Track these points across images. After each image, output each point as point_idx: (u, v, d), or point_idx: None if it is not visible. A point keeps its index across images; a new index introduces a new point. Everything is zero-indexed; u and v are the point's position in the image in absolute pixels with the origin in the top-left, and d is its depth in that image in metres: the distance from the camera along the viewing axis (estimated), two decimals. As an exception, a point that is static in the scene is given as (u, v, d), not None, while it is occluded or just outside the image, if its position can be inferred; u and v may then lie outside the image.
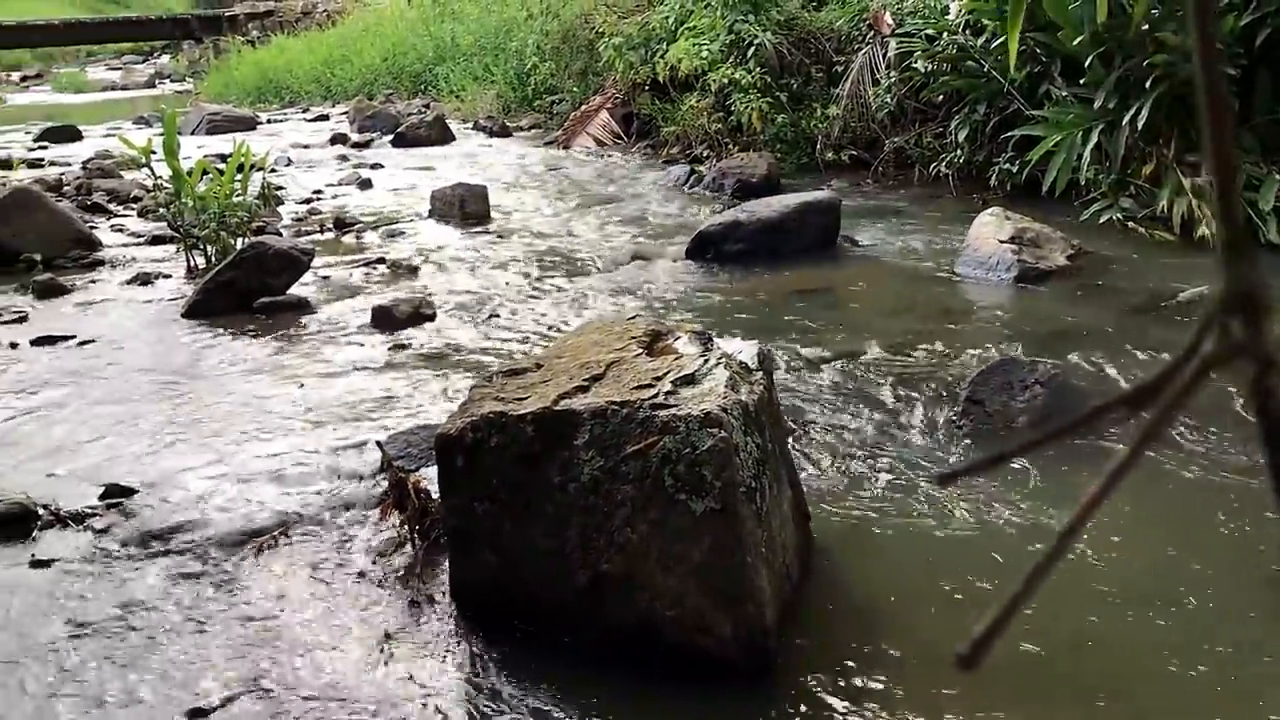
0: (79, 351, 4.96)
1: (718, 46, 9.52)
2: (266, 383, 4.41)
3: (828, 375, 4.14)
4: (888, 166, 8.63)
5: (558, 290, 5.71)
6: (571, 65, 13.20)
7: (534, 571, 2.47)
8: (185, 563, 2.91)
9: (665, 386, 2.46)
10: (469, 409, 2.61)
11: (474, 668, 2.41)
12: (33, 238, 6.77)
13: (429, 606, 2.64)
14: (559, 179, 9.75)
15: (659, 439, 2.34)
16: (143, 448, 3.74)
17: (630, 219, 7.63)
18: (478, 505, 2.53)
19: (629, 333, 2.87)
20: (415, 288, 5.90)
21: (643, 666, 2.35)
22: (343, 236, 7.53)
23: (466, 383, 4.23)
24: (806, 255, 6.06)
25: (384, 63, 19.09)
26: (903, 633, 2.49)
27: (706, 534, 2.29)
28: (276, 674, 2.40)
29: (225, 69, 24.21)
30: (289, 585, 2.77)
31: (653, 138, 11.13)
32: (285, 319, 5.38)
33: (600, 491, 2.38)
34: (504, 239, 7.15)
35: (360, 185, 9.78)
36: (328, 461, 3.54)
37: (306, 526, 3.08)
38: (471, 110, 15.23)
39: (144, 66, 38.76)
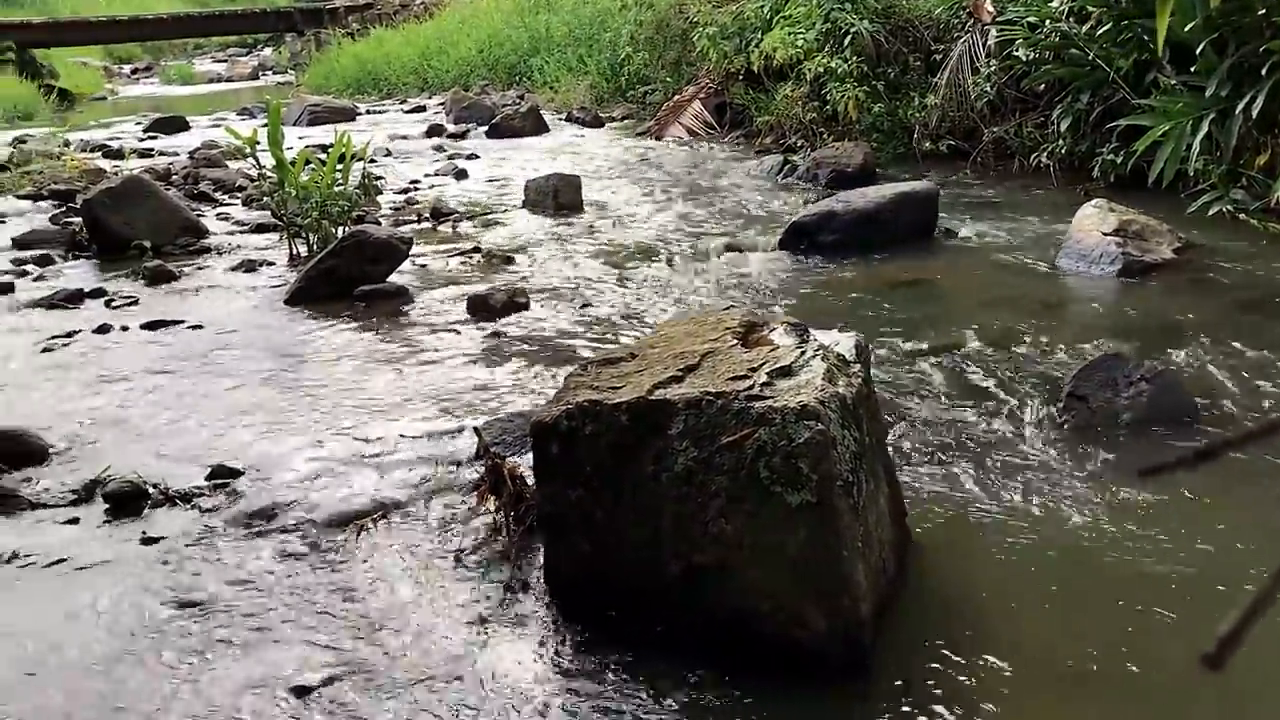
0: (187, 336, 5.11)
1: (813, 35, 9.43)
2: (366, 368, 4.50)
3: (925, 368, 4.08)
4: (987, 157, 8.46)
5: (650, 280, 5.72)
6: (665, 55, 13.19)
7: (627, 560, 2.48)
8: (288, 543, 2.99)
9: (761, 378, 2.45)
10: (564, 397, 2.63)
11: (567, 654, 2.43)
12: (143, 225, 6.99)
13: (523, 592, 2.67)
14: (651, 169, 9.76)
15: (754, 430, 2.33)
16: (248, 430, 3.85)
17: (723, 209, 7.61)
18: (572, 493, 2.55)
19: (724, 323, 2.86)
20: (510, 277, 5.96)
21: (735, 658, 2.35)
22: (439, 226, 7.63)
23: (560, 371, 4.27)
24: (903, 247, 5.98)
25: (479, 54, 19.30)
26: (1000, 633, 2.45)
27: (802, 527, 2.28)
28: (375, 654, 2.45)
29: (326, 61, 24.69)
30: (388, 567, 2.83)
31: (746, 128, 11.08)
32: (384, 306, 5.48)
33: (694, 482, 2.38)
34: (597, 229, 7.19)
35: (456, 175, 9.90)
36: (425, 446, 3.59)
37: (405, 510, 3.14)
38: (565, 101, 15.32)
39: (248, 59, 39.73)
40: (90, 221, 7.05)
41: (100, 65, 35.76)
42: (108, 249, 6.91)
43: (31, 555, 2.98)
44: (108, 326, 5.24)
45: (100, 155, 12.17)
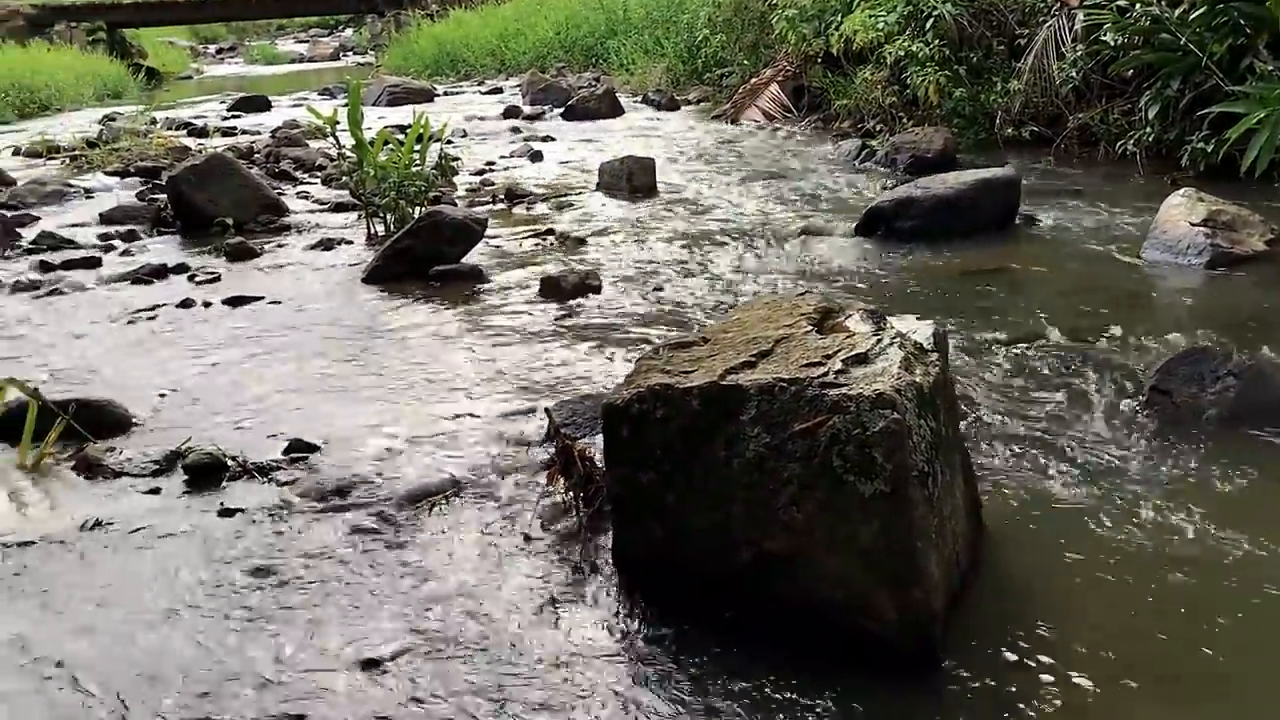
0: (266, 312, 5.21)
1: (895, 18, 9.29)
2: (439, 347, 4.54)
3: (1003, 359, 4.00)
4: (1071, 144, 8.28)
5: (722, 264, 5.69)
6: (742, 38, 13.10)
7: (697, 544, 2.47)
8: (362, 518, 3.02)
9: (836, 365, 2.42)
10: (635, 380, 2.62)
11: (635, 637, 2.43)
12: (226, 203, 7.14)
13: (593, 573, 2.67)
14: (727, 152, 9.71)
15: (828, 418, 2.30)
16: (324, 406, 3.90)
17: (799, 194, 7.54)
18: (642, 476, 2.54)
19: (798, 309, 2.83)
20: (582, 259, 5.97)
21: (803, 646, 2.33)
22: (514, 207, 7.68)
23: (631, 354, 4.27)
24: (983, 234, 5.87)
25: (556, 36, 19.36)
26: (1074, 631, 2.40)
27: (875, 516, 2.25)
28: (445, 630, 2.47)
29: (405, 42, 24.96)
30: (459, 545, 2.85)
31: (823, 111, 10.97)
32: (458, 286, 5.52)
33: (765, 468, 2.36)
34: (670, 212, 7.17)
35: (531, 157, 9.95)
36: (496, 426, 3.62)
37: (476, 488, 3.16)
38: (640, 83, 15.30)
39: (329, 40, 40.34)
40: (175, 198, 7.21)
41: (187, 45, 36.53)
42: (191, 225, 7.07)
43: (115, 522, 3.06)
44: (190, 301, 5.35)
45: (185, 133, 12.46)
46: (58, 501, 3.27)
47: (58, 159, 10.70)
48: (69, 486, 3.36)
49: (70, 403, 3.67)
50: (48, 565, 2.86)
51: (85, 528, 3.05)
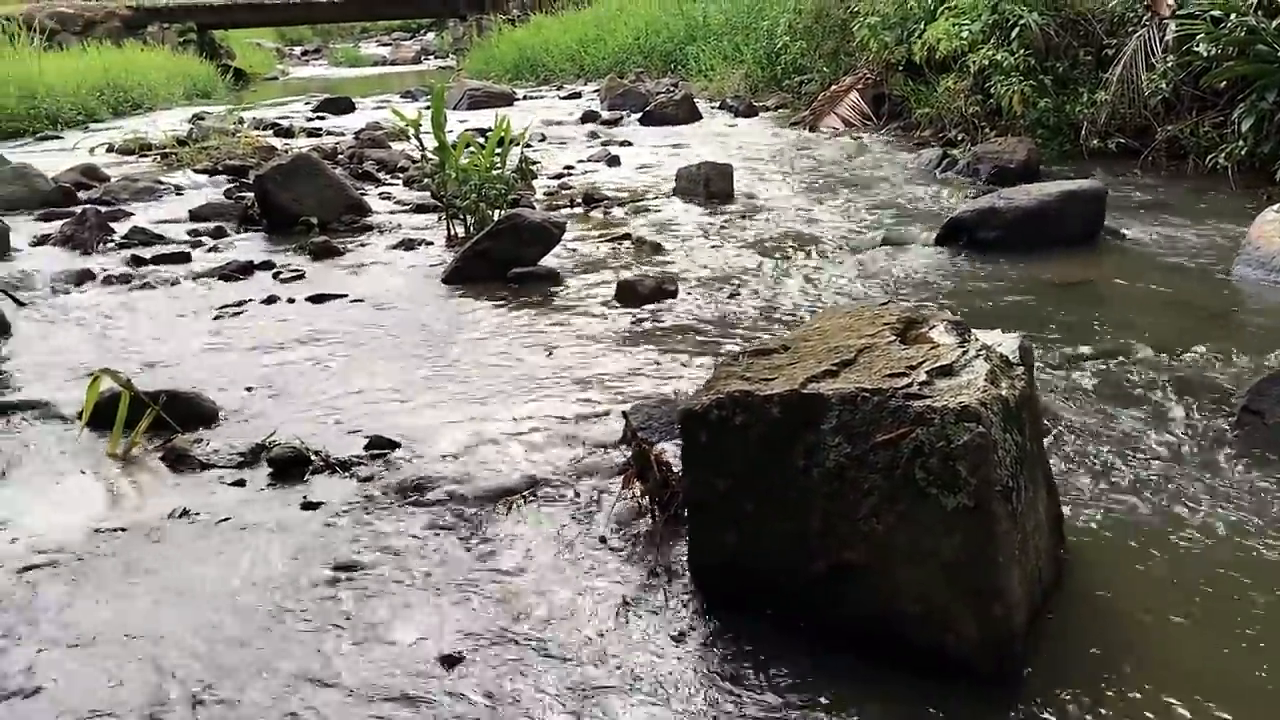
0: (349, 309, 5.29)
1: (979, 27, 9.17)
2: (517, 349, 4.58)
3: (1087, 374, 3.93)
4: (1159, 156, 8.10)
5: (801, 272, 5.66)
6: (823, 45, 13.05)
7: (773, 553, 2.46)
8: (440, 515, 3.06)
9: (920, 376, 2.40)
10: (715, 386, 2.61)
11: (709, 643, 2.43)
12: (310, 202, 7.27)
13: (667, 578, 2.68)
14: (805, 159, 9.66)
15: (911, 430, 2.28)
16: (404, 403, 3.96)
17: (878, 202, 7.48)
18: (719, 482, 2.54)
19: (881, 319, 2.80)
20: (659, 264, 5.99)
21: (880, 659, 2.31)
22: (591, 211, 7.72)
23: (707, 360, 4.27)
24: (1067, 247, 5.76)
25: (636, 42, 19.43)
26: (1156, 651, 2.35)
27: (957, 530, 2.22)
28: (521, 629, 2.49)
29: (486, 46, 25.22)
30: (535, 545, 2.88)
31: (904, 119, 10.87)
32: (536, 289, 5.57)
33: (846, 479, 2.35)
34: (747, 218, 7.15)
35: (609, 162, 10.00)
36: (572, 428, 3.64)
37: (552, 489, 3.18)
38: (719, 89, 15.29)
39: (411, 43, 40.93)
40: (261, 196, 7.37)
41: (273, 46, 37.30)
42: (277, 223, 7.21)
43: (201, 513, 3.14)
44: (275, 298, 5.46)
45: (271, 133, 12.72)
46: (146, 490, 3.36)
47: (149, 156, 11.00)
48: (157, 476, 3.45)
49: (160, 394, 3.76)
50: (137, 551, 2.94)
51: (173, 516, 3.12)
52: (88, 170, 9.40)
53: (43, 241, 6.87)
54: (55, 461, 3.60)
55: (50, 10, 22.58)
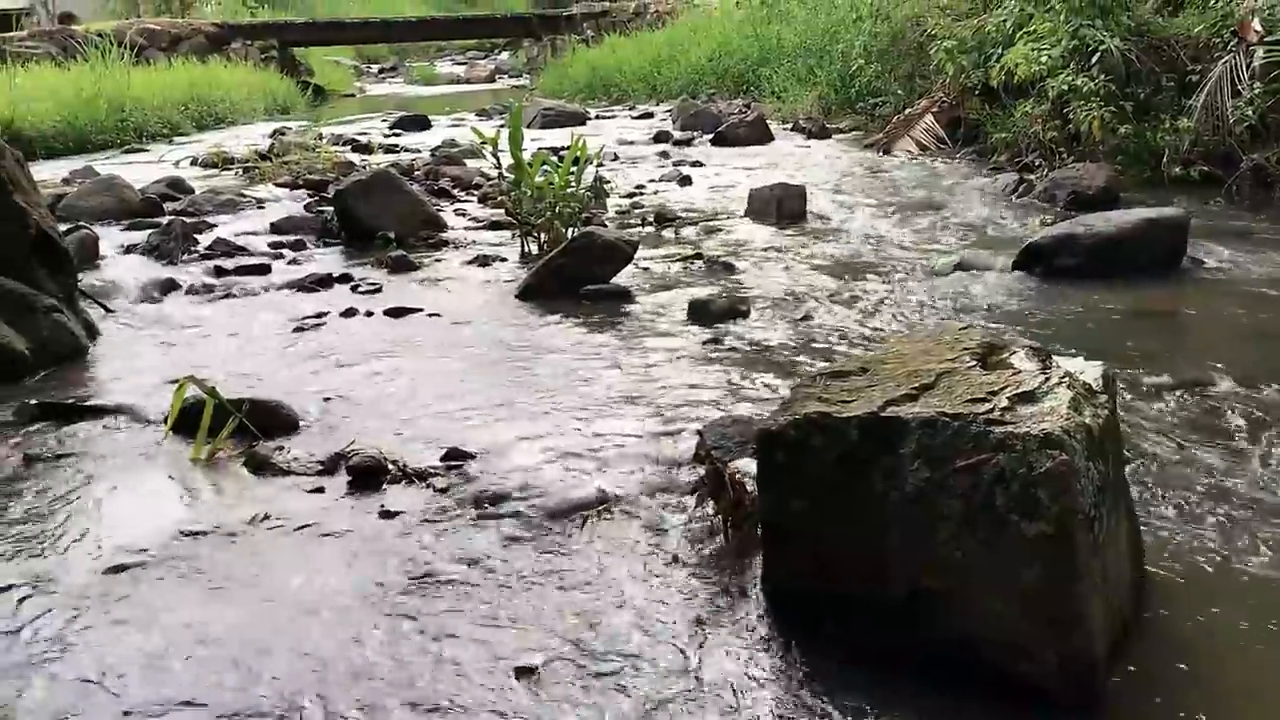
0: (425, 323, 5.38)
1: (1059, 51, 9.07)
2: (589, 365, 4.61)
3: (1169, 404, 3.86)
4: (1244, 185, 7.93)
5: (874, 295, 5.64)
6: (898, 68, 12.99)
7: (849, 576, 2.45)
8: (514, 527, 3.09)
9: (1001, 402, 2.38)
10: (792, 407, 2.62)
11: (782, 665, 2.42)
12: (388, 217, 7.40)
13: (740, 598, 2.68)
14: (878, 182, 9.62)
15: (992, 456, 2.26)
16: (479, 416, 4.01)
17: (952, 226, 7.42)
18: (795, 503, 2.54)
19: (961, 343, 2.79)
20: (730, 284, 6.00)
21: (956, 685, 2.28)
22: (662, 231, 7.75)
23: (778, 380, 4.27)
24: (1147, 275, 5.67)
25: (709, 63, 19.49)
26: (1239, 684, 2.30)
27: (1037, 558, 2.20)
28: (594, 643, 2.51)
29: (560, 66, 25.48)
30: (608, 560, 2.89)
31: (979, 144, 10.78)
32: (608, 306, 5.60)
33: (924, 503, 2.33)
34: (820, 240, 7.14)
35: (680, 182, 10.03)
36: (645, 445, 3.65)
37: (625, 505, 3.20)
38: (791, 111, 15.28)
39: (485, 62, 41.42)
40: (341, 210, 7.51)
41: (351, 64, 37.98)
42: (355, 237, 7.35)
43: (282, 519, 3.20)
44: (353, 310, 5.56)
45: (350, 149, 12.95)
46: (229, 495, 3.44)
47: (232, 170, 11.27)
48: (239, 481, 3.53)
49: (243, 401, 3.85)
50: (219, 555, 3.01)
51: (254, 521, 3.20)
52: (173, 182, 9.65)
53: (130, 251, 7.06)
54: (141, 465, 3.70)
55: (140, 27, 23.26)
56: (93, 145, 13.99)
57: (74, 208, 8.12)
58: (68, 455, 3.76)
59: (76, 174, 10.40)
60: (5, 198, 4.86)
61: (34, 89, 14.42)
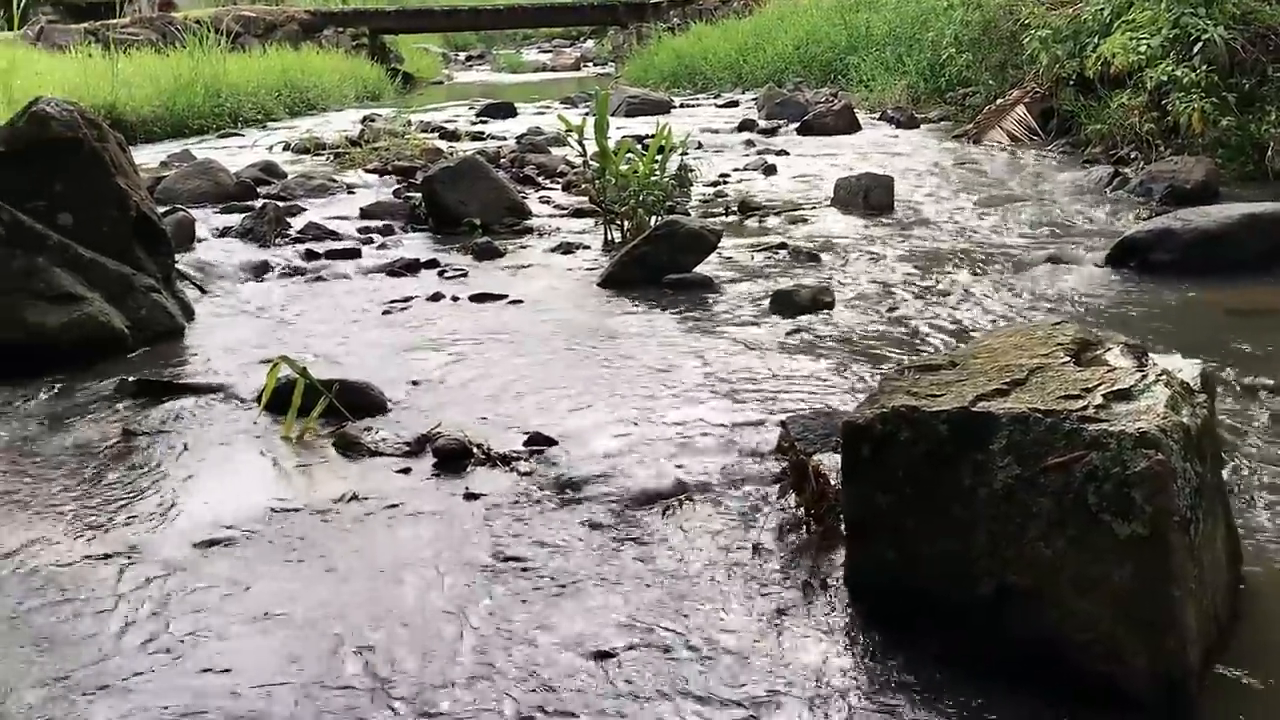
0: (509, 310, 5.42)
1: (1158, 41, 8.81)
2: (671, 353, 4.62)
3: (1269, 406, 3.74)
4: (1353, 180, 7.65)
5: (962, 288, 5.55)
6: (989, 57, 12.74)
7: (934, 572, 2.43)
8: (596, 513, 3.11)
9: (1096, 399, 2.33)
10: (879, 400, 2.59)
11: (864, 659, 2.41)
12: (475, 204, 7.47)
13: (822, 591, 2.66)
14: (968, 173, 9.46)
15: (1086, 454, 2.21)
16: (561, 402, 4.04)
17: (1043, 220, 7.27)
18: (880, 498, 2.52)
19: (1054, 339, 2.73)
20: (815, 275, 5.95)
21: (1041, 686, 2.25)
22: (746, 220, 7.72)
23: (864, 372, 4.23)
24: (1248, 272, 5.48)
25: (795, 51, 19.32)
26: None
27: (1130, 559, 2.15)
28: (674, 630, 2.52)
29: (645, 54, 25.46)
30: (688, 549, 2.90)
31: (1072, 136, 10.53)
32: (690, 295, 5.60)
33: (1014, 500, 2.30)
34: (907, 231, 7.05)
35: (765, 171, 9.97)
36: (726, 435, 3.65)
37: (707, 495, 3.20)
38: (879, 100, 15.09)
39: (571, 50, 41.60)
40: (429, 196, 7.61)
41: (439, 52, 38.41)
42: (442, 223, 7.44)
43: (369, 498, 3.26)
44: (440, 295, 5.64)
45: (437, 136, 13.10)
46: (318, 473, 3.51)
47: (323, 155, 11.48)
48: (328, 461, 3.60)
49: (333, 383, 3.93)
50: (310, 532, 3.08)
51: (343, 500, 3.26)
52: (267, 167, 9.86)
53: (224, 233, 7.23)
54: (234, 442, 3.80)
55: (236, 14, 23.77)
56: (189, 130, 14.35)
57: (171, 191, 8.34)
58: (164, 431, 3.88)
59: (174, 158, 10.69)
60: (108, 180, 5.01)
61: (135, 75, 14.83)
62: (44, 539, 3.03)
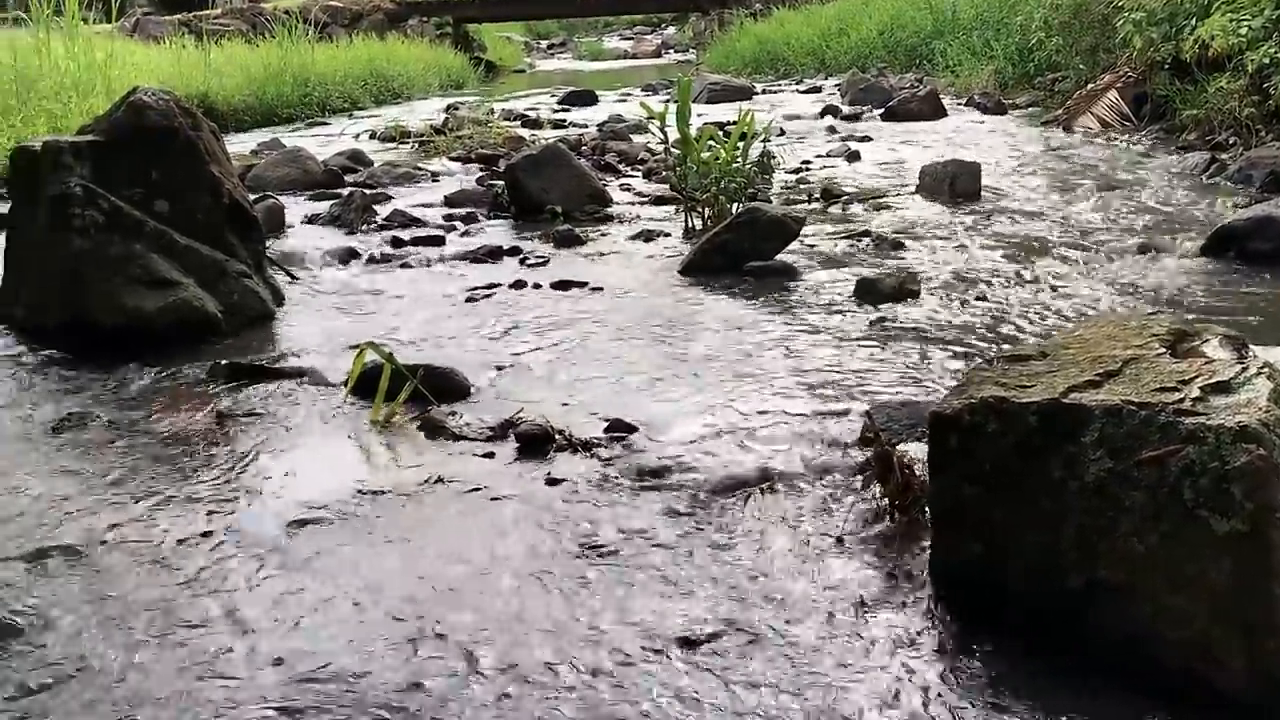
0: (590, 297, 5.45)
1: (1260, 23, 8.54)
2: (752, 341, 4.60)
3: (1376, 401, 3.61)
4: None
5: (1052, 277, 5.43)
6: (1080, 41, 12.45)
7: (1020, 566, 2.38)
8: (676, 501, 3.12)
9: (1193, 392, 2.27)
10: (967, 390, 2.55)
11: (947, 652, 2.38)
12: (556, 192, 7.52)
13: (905, 583, 2.64)
14: (1058, 160, 9.26)
15: (1182, 448, 2.16)
16: (641, 389, 4.05)
17: (1136, 207, 7.09)
18: (967, 489, 2.48)
19: (1149, 329, 2.66)
20: (900, 263, 5.88)
21: (1131, 685, 2.20)
22: (829, 207, 7.65)
23: (950, 363, 4.17)
24: (1357, 263, 5.31)
25: (879, 36, 19.11)
26: None
27: (1228, 557, 2.09)
28: (756, 618, 2.51)
29: (727, 41, 25.36)
30: (769, 538, 2.89)
31: (1167, 121, 10.25)
32: (772, 283, 5.57)
33: (1106, 494, 2.25)
34: (995, 220, 6.92)
35: (848, 157, 9.87)
36: (808, 424, 3.62)
37: (788, 484, 3.18)
38: (965, 86, 14.85)
39: (652, 37, 41.58)
40: (511, 184, 7.67)
41: (521, 40, 38.66)
42: (524, 211, 7.49)
43: (454, 481, 3.31)
44: (522, 282, 5.68)
45: (519, 124, 13.20)
46: (404, 456, 3.57)
47: (408, 143, 11.63)
48: (414, 444, 3.66)
49: (419, 368, 3.99)
50: (396, 514, 3.13)
51: (428, 483, 3.31)
52: (353, 155, 10.03)
53: (313, 220, 7.38)
54: (322, 425, 3.87)
55: (323, 4, 24.18)
56: (278, 118, 14.66)
57: (262, 178, 8.53)
58: (256, 414, 3.97)
59: (264, 146, 10.93)
60: (202, 168, 5.13)
61: (226, 65, 15.18)
62: (143, 518, 3.12)
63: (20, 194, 5.11)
